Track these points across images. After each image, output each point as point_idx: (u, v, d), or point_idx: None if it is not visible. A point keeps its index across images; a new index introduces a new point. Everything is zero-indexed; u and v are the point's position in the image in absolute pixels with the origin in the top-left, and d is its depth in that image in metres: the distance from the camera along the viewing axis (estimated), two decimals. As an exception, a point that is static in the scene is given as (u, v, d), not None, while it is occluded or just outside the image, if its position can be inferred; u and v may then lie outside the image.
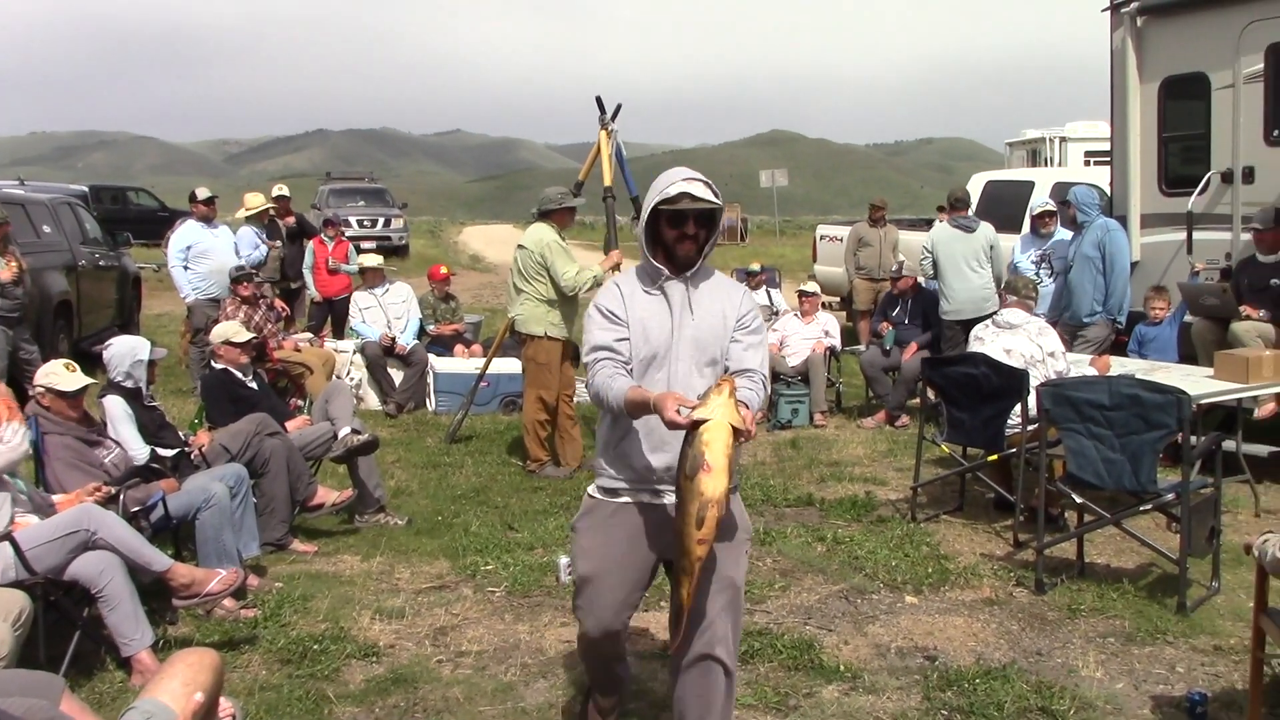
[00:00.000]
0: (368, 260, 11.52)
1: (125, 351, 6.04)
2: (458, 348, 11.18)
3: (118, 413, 5.84)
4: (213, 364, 7.05)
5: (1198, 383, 6.74)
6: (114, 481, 5.33)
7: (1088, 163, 17.06)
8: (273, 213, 12.18)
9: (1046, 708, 4.29)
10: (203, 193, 10.95)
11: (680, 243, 3.44)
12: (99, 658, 4.71)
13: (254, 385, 7.02)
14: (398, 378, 10.69)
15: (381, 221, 26.77)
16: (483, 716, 4.34)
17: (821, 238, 16.12)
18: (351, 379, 10.49)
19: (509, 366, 10.03)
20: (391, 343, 10.65)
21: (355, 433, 6.85)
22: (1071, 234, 9.35)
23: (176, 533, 5.65)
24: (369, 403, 10.66)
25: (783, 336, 10.61)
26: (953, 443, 7.23)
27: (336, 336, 11.82)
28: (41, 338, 10.34)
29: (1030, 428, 6.40)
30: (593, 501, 3.63)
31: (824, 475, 8.24)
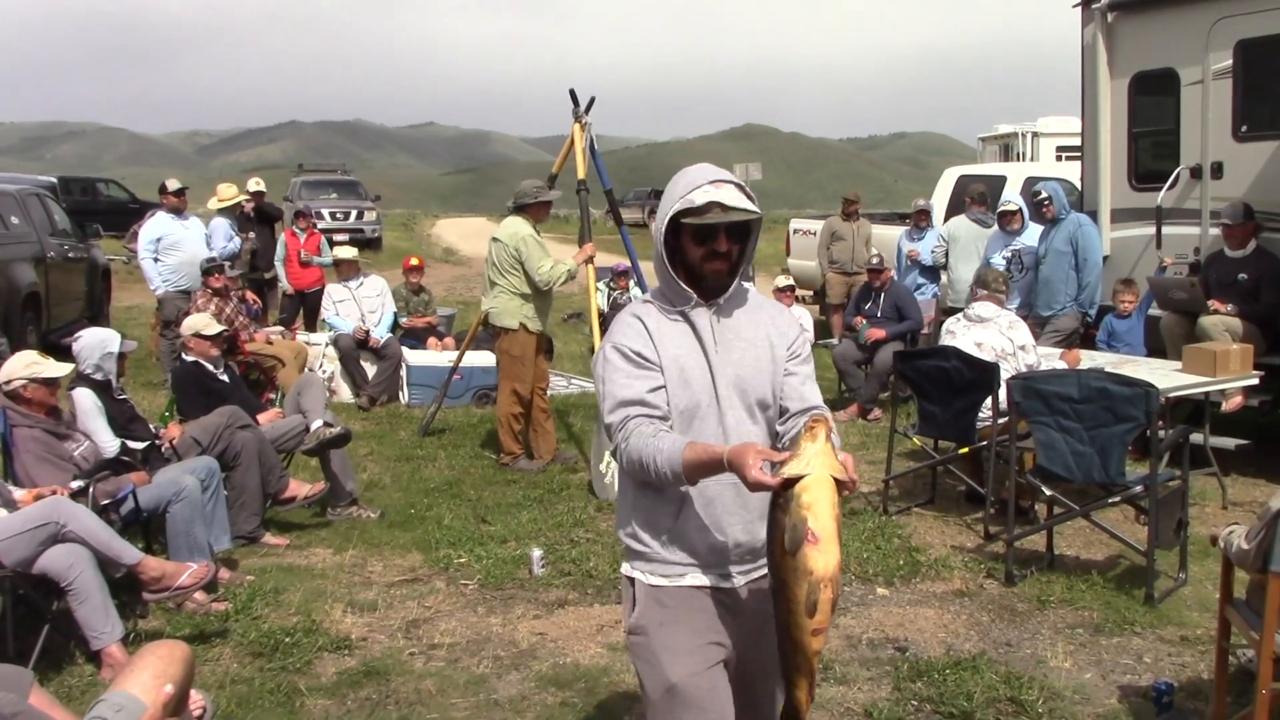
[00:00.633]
0: (343, 252, 11.47)
1: (95, 344, 6.00)
2: (431, 340, 11.16)
3: (87, 405, 5.80)
4: (183, 356, 7.00)
5: (1166, 376, 6.80)
6: (84, 474, 5.30)
7: (1059, 158, 17.14)
8: (246, 206, 12.11)
9: (1015, 698, 4.33)
10: (173, 184, 10.86)
11: (709, 261, 2.70)
12: (68, 651, 4.69)
13: (225, 378, 6.99)
14: (371, 371, 10.65)
15: (354, 214, 26.62)
16: (455, 709, 4.34)
17: (795, 232, 16.17)
18: (324, 372, 10.45)
19: (482, 359, 10.02)
20: (365, 336, 10.61)
21: (327, 425, 6.82)
22: (1041, 229, 9.40)
23: (147, 526, 5.63)
24: (341, 395, 10.61)
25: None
26: (924, 436, 7.27)
27: (309, 329, 11.77)
28: (10, 330, 10.26)
29: (1001, 421, 6.44)
30: (651, 590, 2.74)
31: (797, 468, 8.25)
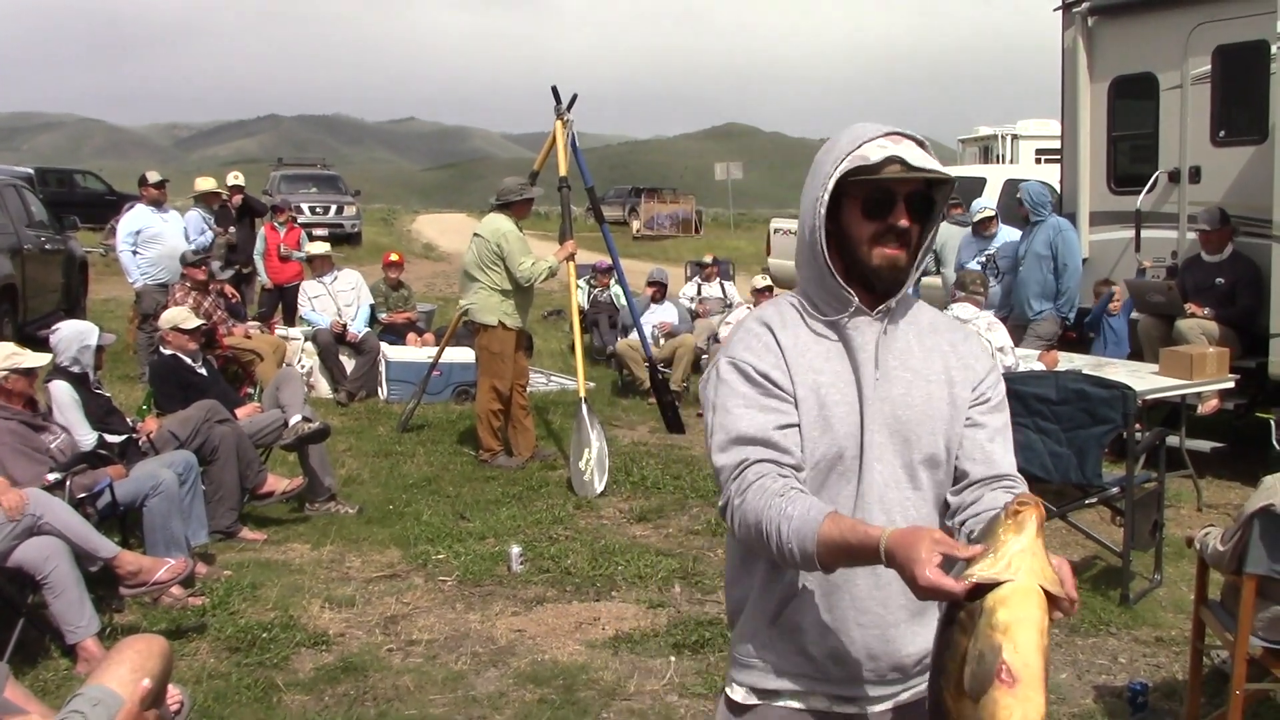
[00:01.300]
0: (315, 248, 11.44)
1: (73, 336, 5.96)
2: (410, 336, 11.13)
3: (64, 398, 5.76)
4: (161, 350, 6.97)
5: (1143, 379, 6.83)
6: (60, 467, 5.27)
7: (1039, 160, 17.21)
8: (224, 198, 12.04)
9: (991, 697, 4.34)
10: (153, 176, 10.80)
11: (880, 243, 1.98)
12: (44, 645, 4.67)
13: (203, 372, 6.95)
14: (349, 366, 10.61)
15: (334, 209, 26.48)
16: (433, 705, 4.34)
17: (776, 231, 16.18)
18: (303, 366, 10.41)
19: (462, 356, 9.99)
20: (343, 330, 10.57)
21: (306, 420, 6.81)
22: (1020, 233, 9.44)
23: (124, 520, 5.60)
24: (320, 391, 10.56)
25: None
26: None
27: (288, 324, 11.71)
28: (-14, 322, 10.19)
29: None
30: (747, 712, 2.09)
31: (775, 467, 8.26)
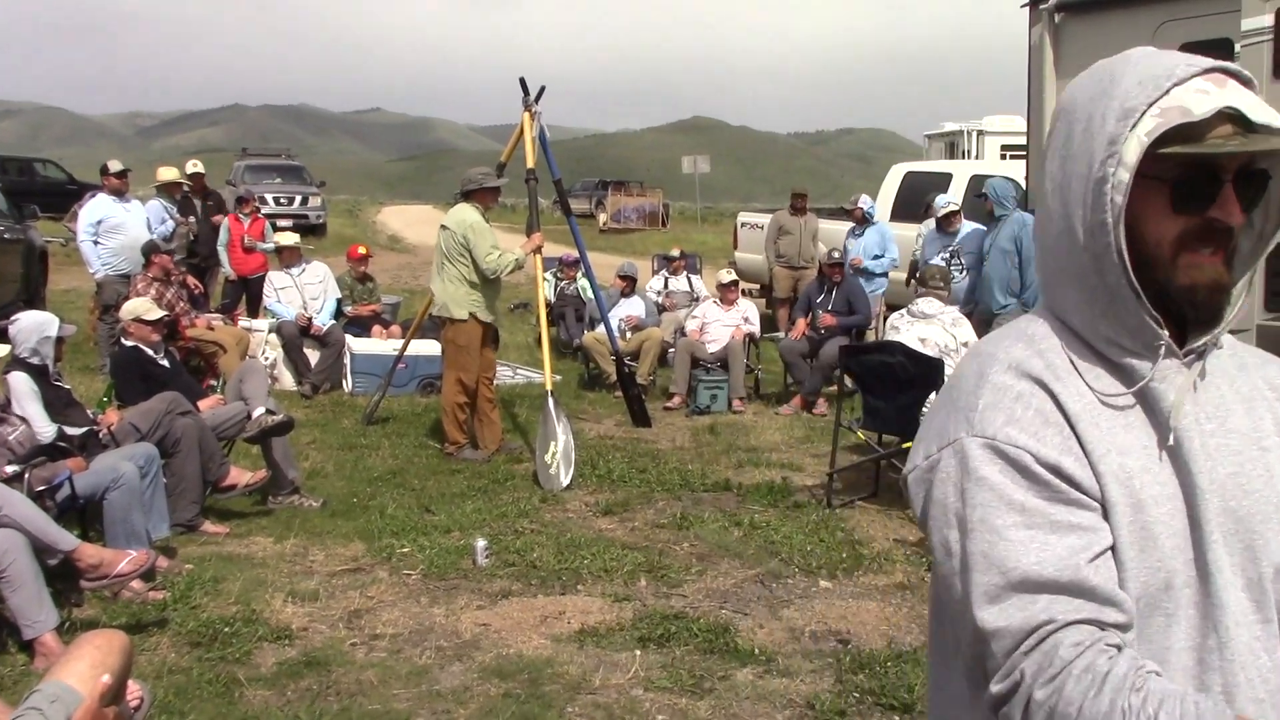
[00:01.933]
0: (284, 239, 11.33)
1: (32, 327, 5.89)
2: (375, 328, 11.07)
3: (23, 389, 5.69)
4: (123, 341, 6.89)
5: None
6: (19, 460, 5.21)
7: (1004, 156, 17.31)
8: (187, 188, 11.92)
9: (956, 690, 4.37)
10: (115, 166, 10.68)
11: (1198, 249, 1.35)
12: (0, 640, 4.60)
13: (165, 363, 6.88)
14: (314, 358, 10.54)
15: (299, 199, 26.28)
16: (396, 700, 4.31)
17: (743, 225, 16.21)
18: (266, 358, 10.33)
19: (427, 348, 9.95)
20: (308, 323, 10.50)
21: (269, 413, 6.75)
22: (986, 228, 9.49)
23: (84, 513, 5.52)
24: (284, 383, 10.49)
25: (703, 322, 10.67)
26: (869, 430, 7.33)
27: (251, 315, 11.62)
28: (-58, 312, 10.03)
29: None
30: None
31: (741, 461, 8.30)
